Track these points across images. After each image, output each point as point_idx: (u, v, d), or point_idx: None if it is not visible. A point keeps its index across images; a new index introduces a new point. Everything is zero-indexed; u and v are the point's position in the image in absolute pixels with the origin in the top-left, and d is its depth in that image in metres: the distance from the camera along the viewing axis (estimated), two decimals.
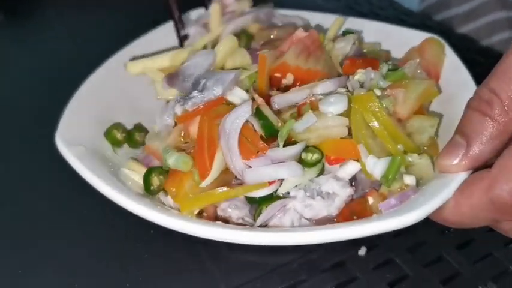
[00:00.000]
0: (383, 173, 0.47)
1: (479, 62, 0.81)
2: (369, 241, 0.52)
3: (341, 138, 0.49)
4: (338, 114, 0.50)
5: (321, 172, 0.49)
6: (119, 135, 0.58)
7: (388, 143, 0.49)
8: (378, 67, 0.56)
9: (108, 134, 0.58)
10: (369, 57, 0.60)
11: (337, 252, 0.51)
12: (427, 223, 0.46)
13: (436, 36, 0.63)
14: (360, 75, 0.54)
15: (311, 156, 0.48)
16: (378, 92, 0.51)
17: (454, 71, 0.59)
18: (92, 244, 0.54)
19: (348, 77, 0.55)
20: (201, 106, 0.53)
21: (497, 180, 0.42)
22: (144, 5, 0.93)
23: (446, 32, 0.93)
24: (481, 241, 0.53)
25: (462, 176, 0.44)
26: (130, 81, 0.65)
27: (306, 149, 0.48)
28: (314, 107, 0.50)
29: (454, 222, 0.45)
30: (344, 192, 0.48)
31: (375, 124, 0.49)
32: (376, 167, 0.47)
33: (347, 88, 0.54)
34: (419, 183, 0.48)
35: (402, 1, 1.02)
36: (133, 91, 0.64)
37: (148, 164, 0.55)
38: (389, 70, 0.56)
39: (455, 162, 0.45)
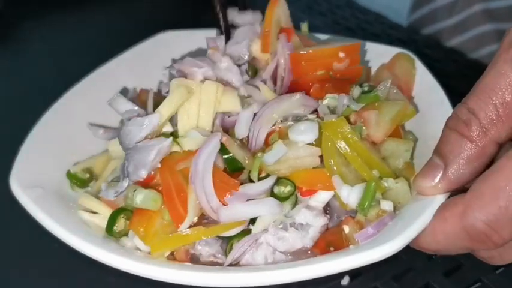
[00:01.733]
0: (358, 202, 0.46)
1: (468, 75, 0.79)
2: (352, 270, 0.50)
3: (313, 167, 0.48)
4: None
5: (294, 204, 0.47)
6: (81, 175, 0.56)
7: (361, 170, 0.48)
8: (348, 90, 0.54)
9: (70, 175, 0.55)
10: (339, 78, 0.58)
11: (319, 283, 0.49)
12: (412, 248, 0.45)
13: (405, 51, 0.62)
14: (328, 99, 0.53)
15: (283, 190, 0.46)
16: (352, 118, 0.50)
17: (425, 87, 0.58)
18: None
19: (318, 101, 0.53)
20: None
21: (470, 207, 0.40)
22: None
23: (432, 45, 0.92)
24: (469, 267, 0.51)
25: (439, 200, 0.43)
26: (93, 112, 0.63)
27: (278, 181, 0.47)
28: (283, 135, 0.49)
29: (430, 250, 0.44)
30: (318, 222, 0.47)
31: (347, 150, 0.47)
32: (350, 196, 0.46)
33: (317, 113, 0.52)
34: (397, 208, 0.48)
35: (390, 16, 1.00)
36: (96, 121, 0.62)
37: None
38: (362, 92, 0.54)
39: (432, 184, 0.44)
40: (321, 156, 0.48)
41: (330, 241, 0.46)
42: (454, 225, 0.41)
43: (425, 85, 0.59)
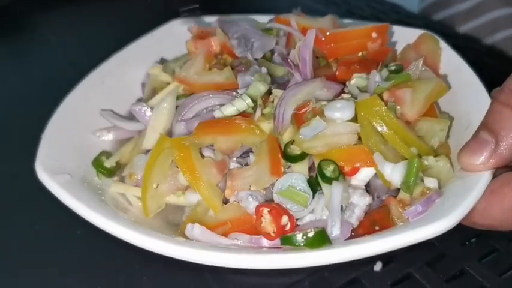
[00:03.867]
0: (403, 179, 0.45)
1: (485, 62, 0.78)
2: (384, 255, 0.48)
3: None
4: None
5: None
6: (107, 164, 0.54)
7: (400, 148, 0.47)
8: (374, 69, 0.53)
9: (96, 163, 0.54)
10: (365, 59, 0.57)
11: (351, 269, 0.48)
12: (445, 234, 0.43)
13: (429, 32, 0.61)
14: (356, 79, 0.52)
15: (329, 169, 0.45)
16: (385, 96, 0.50)
17: (452, 66, 0.58)
18: (83, 273, 0.50)
19: (345, 83, 0.53)
20: None
21: None
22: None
23: (449, 34, 0.91)
24: (504, 252, 0.50)
25: (487, 176, 0.43)
26: (111, 97, 0.62)
27: (320, 163, 0.46)
28: (317, 114, 0.48)
29: (483, 225, 0.43)
30: (363, 202, 0.46)
31: (384, 129, 0.47)
32: (394, 173, 0.45)
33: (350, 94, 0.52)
34: (439, 186, 0.47)
35: (404, 4, 0.99)
36: (116, 107, 0.62)
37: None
38: (391, 72, 0.54)
39: (481, 160, 0.43)
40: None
41: (375, 220, 0.45)
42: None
43: (453, 65, 0.58)
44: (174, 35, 0.70)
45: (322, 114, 0.47)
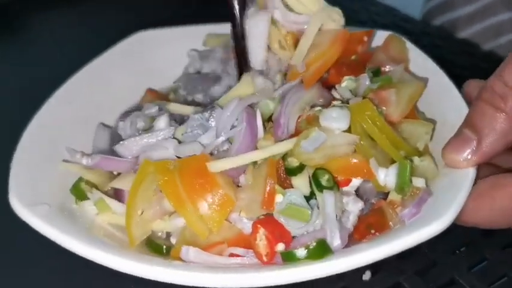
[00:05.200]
0: (397, 183, 0.46)
1: (483, 67, 0.78)
2: (373, 264, 0.48)
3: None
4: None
5: None
6: (79, 188, 0.51)
7: (391, 152, 0.47)
8: (362, 73, 0.54)
9: (75, 190, 0.51)
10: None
11: (340, 279, 0.48)
12: (435, 243, 0.44)
13: (396, 34, 0.62)
14: (347, 82, 0.53)
15: (325, 179, 0.45)
16: (370, 97, 0.50)
17: (419, 65, 0.59)
18: None
19: (334, 87, 0.54)
20: None
21: None
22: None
23: (446, 37, 0.90)
24: (495, 262, 0.50)
25: (472, 173, 0.44)
26: (80, 117, 0.59)
27: (315, 172, 0.45)
28: (311, 122, 0.48)
29: (471, 224, 0.45)
30: (356, 207, 0.46)
31: (376, 132, 0.47)
32: (388, 178, 0.46)
33: (341, 99, 0.52)
34: (425, 184, 0.47)
35: (404, 8, 0.98)
36: (86, 126, 0.59)
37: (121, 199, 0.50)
38: (374, 74, 0.54)
39: (464, 157, 0.44)
40: None
41: (370, 224, 0.45)
42: (502, 202, 0.42)
43: (420, 64, 0.59)
44: (139, 48, 0.69)
45: (316, 122, 0.47)
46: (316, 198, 0.45)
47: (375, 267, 0.48)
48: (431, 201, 0.45)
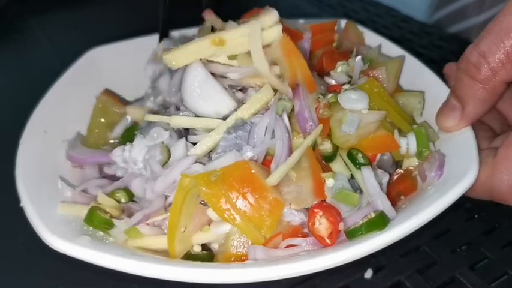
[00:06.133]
0: (417, 149, 0.51)
1: None
2: (375, 262, 0.48)
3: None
4: None
5: None
6: (99, 218, 0.48)
7: (400, 123, 0.52)
8: (349, 57, 0.58)
9: (90, 220, 0.48)
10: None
11: (342, 276, 0.48)
12: (436, 241, 0.48)
13: (350, 20, 0.68)
14: (341, 67, 0.56)
15: (360, 157, 0.48)
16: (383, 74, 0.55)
17: (375, 43, 0.65)
18: None
19: (329, 73, 0.57)
20: None
21: None
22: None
23: (446, 37, 0.90)
24: (495, 260, 0.50)
25: (471, 133, 0.49)
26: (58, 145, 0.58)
27: (350, 152, 0.49)
28: (333, 108, 0.51)
29: (490, 194, 0.48)
30: (385, 179, 0.49)
31: (386, 107, 0.51)
32: (410, 146, 0.51)
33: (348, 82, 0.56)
34: None
35: (404, 9, 0.98)
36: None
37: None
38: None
39: (453, 122, 0.50)
40: None
41: (400, 191, 0.49)
42: None
43: (375, 42, 0.66)
44: (93, 66, 0.68)
45: (337, 107, 0.50)
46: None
47: (377, 264, 0.49)
48: (448, 162, 0.49)
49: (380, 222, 0.43)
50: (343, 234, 0.45)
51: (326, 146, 0.49)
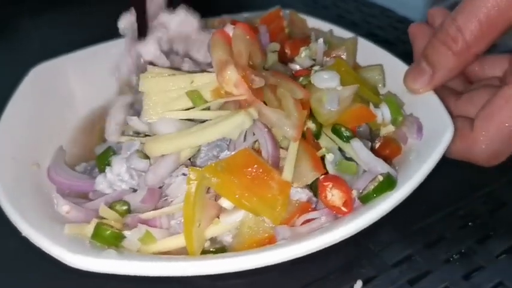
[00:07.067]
0: (392, 116, 0.55)
1: None
2: (365, 273, 0.47)
3: None
4: None
5: None
6: (108, 233, 0.46)
7: (369, 96, 0.56)
8: (306, 42, 0.63)
9: (99, 236, 0.46)
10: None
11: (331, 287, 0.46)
12: (427, 250, 0.47)
13: (291, 9, 0.72)
14: (305, 52, 0.60)
15: (345, 130, 0.51)
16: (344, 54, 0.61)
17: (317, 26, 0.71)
18: None
19: (292, 59, 0.61)
20: None
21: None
22: None
23: None
24: (490, 269, 0.49)
25: (435, 97, 0.54)
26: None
27: (336, 126, 0.52)
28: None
29: (487, 153, 0.53)
30: (369, 146, 0.52)
31: (354, 83, 0.54)
32: (384, 114, 0.55)
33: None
34: None
35: (404, 10, 0.97)
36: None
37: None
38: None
39: (421, 85, 0.55)
40: None
41: (386, 155, 0.53)
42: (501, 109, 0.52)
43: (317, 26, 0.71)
44: (41, 83, 0.65)
45: (313, 88, 0.52)
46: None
47: (367, 275, 0.48)
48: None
49: (389, 183, 0.47)
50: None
51: (310, 126, 0.52)
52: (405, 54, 0.62)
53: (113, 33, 0.69)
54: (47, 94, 0.64)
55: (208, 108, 0.52)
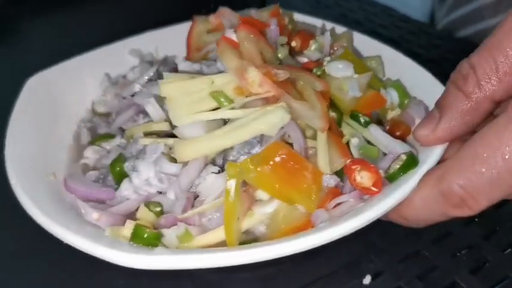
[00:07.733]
0: (399, 100, 0.58)
1: None
2: (374, 268, 0.48)
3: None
4: None
5: None
6: (148, 233, 0.46)
7: (375, 83, 0.58)
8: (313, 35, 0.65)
9: (138, 237, 0.46)
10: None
11: (339, 283, 0.48)
12: (436, 245, 0.48)
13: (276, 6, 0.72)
14: (315, 45, 0.62)
15: (362, 116, 0.54)
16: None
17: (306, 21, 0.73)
18: None
19: (301, 52, 0.63)
20: None
21: (448, 170, 0.44)
22: None
23: (445, 37, 0.90)
24: (496, 263, 0.50)
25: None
26: None
27: (354, 113, 0.54)
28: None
29: (411, 218, 0.47)
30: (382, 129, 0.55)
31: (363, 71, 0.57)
32: (393, 98, 0.58)
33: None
34: None
35: (406, 9, 0.97)
36: None
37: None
38: None
39: (428, 133, 0.48)
40: None
41: (397, 136, 0.54)
42: (431, 188, 0.45)
43: (306, 21, 0.73)
44: (38, 95, 0.63)
45: (329, 78, 0.55)
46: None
47: (376, 270, 0.49)
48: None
49: (413, 161, 0.49)
50: None
51: (332, 114, 0.53)
52: (408, 52, 0.64)
53: (113, 33, 0.70)
54: (47, 103, 0.63)
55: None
